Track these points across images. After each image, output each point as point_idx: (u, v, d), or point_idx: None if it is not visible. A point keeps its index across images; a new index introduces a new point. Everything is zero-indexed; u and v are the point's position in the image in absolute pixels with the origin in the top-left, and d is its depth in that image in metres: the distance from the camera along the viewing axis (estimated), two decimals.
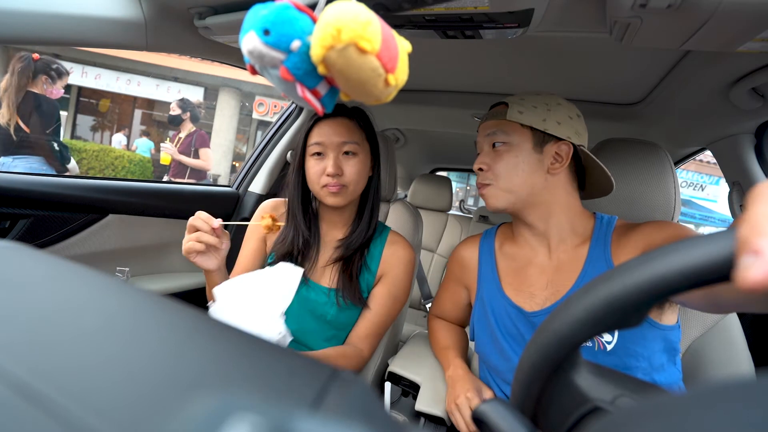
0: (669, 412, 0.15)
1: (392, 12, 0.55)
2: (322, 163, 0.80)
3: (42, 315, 0.19)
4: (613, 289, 0.27)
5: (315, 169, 0.81)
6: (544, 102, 0.73)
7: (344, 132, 0.81)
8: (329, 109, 0.40)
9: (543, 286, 0.74)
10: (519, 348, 0.74)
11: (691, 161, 1.38)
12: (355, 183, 0.82)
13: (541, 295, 0.73)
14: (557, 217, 0.74)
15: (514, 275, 0.78)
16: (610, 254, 0.69)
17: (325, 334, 0.86)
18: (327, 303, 0.84)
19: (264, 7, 0.35)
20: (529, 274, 0.76)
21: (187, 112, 3.29)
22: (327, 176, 0.79)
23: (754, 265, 0.20)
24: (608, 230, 0.72)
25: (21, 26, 0.66)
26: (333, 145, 0.80)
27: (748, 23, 0.50)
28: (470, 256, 0.87)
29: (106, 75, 9.11)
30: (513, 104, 0.73)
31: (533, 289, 0.75)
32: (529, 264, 0.77)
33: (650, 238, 0.66)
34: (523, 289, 0.76)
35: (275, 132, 1.46)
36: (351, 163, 0.81)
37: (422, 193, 2.21)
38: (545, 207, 0.73)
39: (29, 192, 0.91)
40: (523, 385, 0.32)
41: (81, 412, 0.13)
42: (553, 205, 0.73)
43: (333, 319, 0.84)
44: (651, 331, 0.65)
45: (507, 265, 0.80)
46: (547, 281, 0.74)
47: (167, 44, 0.84)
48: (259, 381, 0.17)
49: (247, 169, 1.47)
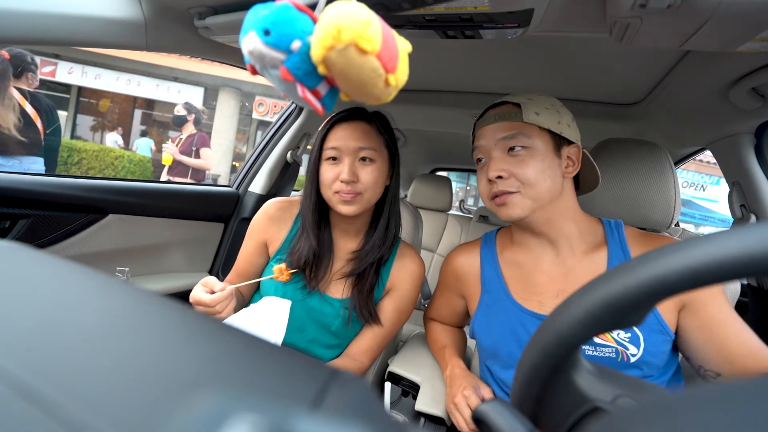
0: (669, 412, 0.15)
1: (392, 12, 0.55)
2: (337, 168, 0.77)
3: (42, 315, 0.19)
4: (613, 288, 0.27)
5: (329, 174, 0.77)
6: (551, 103, 0.71)
7: (362, 137, 0.77)
8: (329, 110, 0.40)
9: (554, 294, 0.71)
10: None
11: (691, 161, 1.38)
12: (371, 191, 0.77)
13: (550, 303, 0.71)
14: (566, 222, 0.72)
15: (520, 282, 0.75)
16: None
17: (327, 342, 0.84)
18: (332, 314, 0.82)
19: (264, 7, 0.35)
20: (537, 282, 0.73)
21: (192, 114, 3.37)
22: (341, 182, 0.75)
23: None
24: (620, 235, 0.71)
25: (21, 26, 0.66)
26: (349, 150, 0.76)
27: (748, 23, 0.50)
28: (470, 264, 0.83)
29: (106, 75, 9.10)
30: (527, 105, 0.69)
31: (542, 297, 0.72)
32: (536, 271, 0.74)
33: None
34: (532, 297, 0.73)
35: (275, 132, 1.46)
36: (367, 170, 0.77)
37: (422, 193, 2.21)
38: (557, 213, 0.71)
39: (29, 192, 0.91)
40: (523, 385, 0.32)
41: (81, 412, 0.13)
42: (562, 211, 0.71)
43: (337, 330, 0.83)
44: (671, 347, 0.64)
45: (511, 271, 0.77)
46: (557, 289, 0.71)
47: (167, 44, 0.84)
48: (259, 381, 0.17)
49: (247, 169, 1.47)
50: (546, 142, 0.69)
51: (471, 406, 0.70)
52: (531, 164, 0.67)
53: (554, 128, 0.68)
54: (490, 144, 0.71)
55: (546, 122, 0.68)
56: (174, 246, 1.24)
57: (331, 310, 0.82)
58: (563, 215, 0.71)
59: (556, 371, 0.31)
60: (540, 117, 0.68)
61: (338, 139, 0.77)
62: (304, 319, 0.82)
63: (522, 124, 0.68)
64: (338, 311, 0.82)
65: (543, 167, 0.67)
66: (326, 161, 0.79)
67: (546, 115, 0.69)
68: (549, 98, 0.72)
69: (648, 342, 0.63)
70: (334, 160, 0.78)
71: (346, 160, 0.76)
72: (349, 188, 0.75)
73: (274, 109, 9.51)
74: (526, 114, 0.68)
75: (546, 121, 0.68)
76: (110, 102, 10.30)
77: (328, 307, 0.82)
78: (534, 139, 0.68)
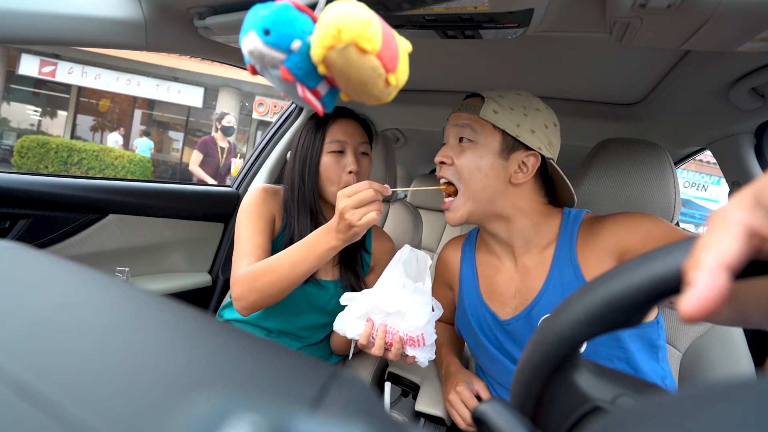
0: (669, 412, 0.15)
1: (392, 12, 0.55)
2: (343, 160, 0.81)
3: (42, 315, 0.19)
4: (613, 289, 0.27)
5: (334, 168, 0.81)
6: (522, 105, 0.68)
7: (362, 132, 0.86)
8: (329, 109, 0.40)
9: (512, 295, 0.72)
10: (501, 351, 0.72)
11: (691, 161, 1.38)
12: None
13: (511, 304, 0.72)
14: (519, 223, 0.70)
15: (487, 282, 0.77)
16: (575, 255, 0.66)
17: (319, 322, 0.88)
18: (328, 296, 0.86)
19: (264, 7, 0.35)
20: (498, 282, 0.75)
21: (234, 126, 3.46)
22: (348, 175, 0.80)
23: (687, 296, 0.20)
24: (574, 227, 0.68)
25: (21, 26, 0.66)
26: (354, 143, 0.83)
27: (748, 23, 0.50)
28: (453, 258, 0.86)
29: (106, 75, 9.11)
30: (489, 101, 0.68)
31: (503, 297, 0.73)
32: (498, 272, 0.75)
33: (625, 240, 0.62)
34: (495, 297, 0.74)
35: (275, 132, 1.46)
36: (365, 164, 0.85)
37: (422, 193, 2.21)
38: (506, 216, 0.70)
39: (29, 192, 0.91)
40: (523, 385, 0.32)
41: (81, 412, 0.13)
42: (514, 214, 0.70)
43: (333, 309, 0.85)
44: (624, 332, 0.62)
45: (482, 270, 0.79)
46: (515, 289, 0.72)
47: (167, 44, 0.84)
48: (259, 381, 0.17)
49: (247, 169, 1.47)
50: (494, 141, 0.67)
51: (465, 401, 0.70)
52: (469, 158, 0.67)
53: (509, 130, 0.66)
54: (449, 129, 0.73)
55: (501, 122, 0.67)
56: (174, 246, 1.24)
57: (326, 292, 0.86)
58: (513, 218, 0.70)
59: (555, 371, 0.31)
60: (497, 116, 0.67)
61: (344, 133, 0.82)
62: (303, 305, 0.86)
63: (476, 118, 0.68)
64: (332, 292, 0.87)
65: (480, 164, 0.67)
66: (329, 154, 0.82)
67: (505, 116, 0.67)
68: (526, 98, 0.70)
69: None
70: (338, 153, 0.82)
71: (350, 152, 0.82)
72: (356, 179, 0.80)
73: (274, 109, 9.51)
74: (485, 110, 0.68)
75: (502, 121, 0.67)
76: (110, 102, 10.30)
77: (323, 291, 0.86)
78: (481, 134, 0.68)
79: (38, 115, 10.51)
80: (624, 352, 0.62)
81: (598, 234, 0.65)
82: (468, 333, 0.79)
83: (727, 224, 0.21)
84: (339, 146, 0.81)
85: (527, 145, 0.67)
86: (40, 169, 7.06)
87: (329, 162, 0.81)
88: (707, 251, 0.20)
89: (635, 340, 0.63)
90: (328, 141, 0.82)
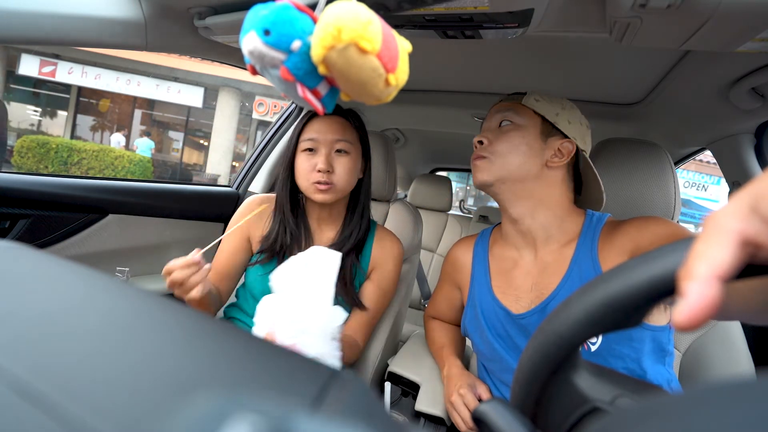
0: (668, 412, 0.15)
1: (392, 12, 0.55)
2: (314, 159, 0.81)
3: (42, 315, 0.19)
4: (612, 289, 0.27)
5: (305, 165, 0.81)
6: (560, 101, 0.73)
7: (338, 130, 0.82)
8: (330, 110, 0.40)
9: (528, 288, 0.72)
10: (510, 349, 0.73)
11: (691, 161, 1.38)
12: (345, 181, 0.81)
13: (526, 298, 0.72)
14: (544, 212, 0.71)
15: (502, 277, 0.77)
16: (597, 253, 0.67)
17: None
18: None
19: (264, 7, 0.35)
20: (515, 276, 0.75)
21: None
22: (317, 173, 0.79)
23: (679, 307, 0.20)
24: (597, 228, 0.70)
25: (21, 26, 0.66)
26: (326, 141, 0.81)
27: (748, 23, 0.50)
28: (464, 257, 0.86)
29: (106, 75, 9.11)
30: (531, 93, 0.73)
31: (519, 291, 0.73)
32: (515, 266, 0.76)
33: (636, 240, 0.64)
34: (510, 291, 0.75)
35: (275, 132, 1.46)
36: (342, 162, 0.81)
37: (422, 193, 2.21)
38: (534, 200, 0.71)
39: (29, 192, 0.91)
40: (523, 385, 0.32)
41: (81, 412, 0.13)
42: (542, 200, 0.71)
43: None
44: (638, 332, 0.63)
45: (497, 266, 0.79)
46: (532, 283, 0.72)
47: (167, 44, 0.84)
48: (259, 381, 0.17)
49: (246, 169, 1.47)
50: (535, 124, 0.71)
51: (467, 404, 0.70)
52: (507, 137, 0.70)
53: (549, 117, 0.70)
54: (489, 121, 0.76)
55: (542, 109, 0.71)
56: (174, 246, 1.24)
57: None
58: (540, 204, 0.71)
59: (555, 372, 0.31)
60: (538, 103, 0.71)
61: (316, 132, 0.82)
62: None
63: (517, 104, 0.73)
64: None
65: (520, 143, 0.69)
66: (302, 152, 0.82)
67: (546, 104, 0.71)
68: (564, 101, 0.74)
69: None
70: (310, 151, 0.82)
71: (322, 150, 0.81)
72: (325, 178, 0.79)
73: (274, 109, 9.51)
74: (527, 98, 0.72)
75: (543, 108, 0.71)
76: (110, 102, 10.30)
77: None
78: (523, 117, 0.71)
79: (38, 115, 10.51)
80: (636, 353, 0.63)
81: (616, 236, 0.67)
82: (476, 332, 0.79)
83: (722, 233, 0.20)
84: (310, 144, 0.81)
85: (564, 133, 0.71)
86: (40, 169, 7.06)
87: (302, 160, 0.82)
88: (700, 261, 0.20)
89: (648, 342, 0.64)
90: (302, 139, 0.82)
